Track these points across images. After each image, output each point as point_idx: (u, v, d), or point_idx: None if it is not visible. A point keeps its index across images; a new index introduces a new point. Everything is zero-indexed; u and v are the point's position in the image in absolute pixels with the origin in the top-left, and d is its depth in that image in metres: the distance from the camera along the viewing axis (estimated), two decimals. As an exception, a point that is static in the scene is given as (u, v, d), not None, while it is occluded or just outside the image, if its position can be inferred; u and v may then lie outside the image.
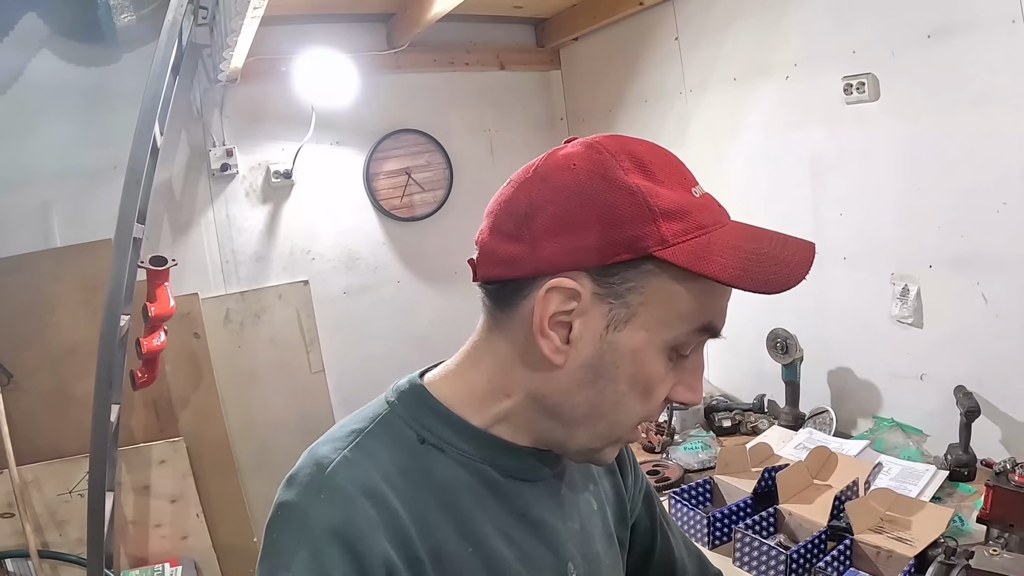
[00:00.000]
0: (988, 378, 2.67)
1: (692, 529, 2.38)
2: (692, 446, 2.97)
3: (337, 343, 4.16)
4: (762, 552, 2.16)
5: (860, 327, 3.01)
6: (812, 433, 2.93)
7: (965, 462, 2.62)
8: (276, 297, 3.99)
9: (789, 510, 2.34)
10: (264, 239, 3.99)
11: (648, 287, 0.85)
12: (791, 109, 3.14)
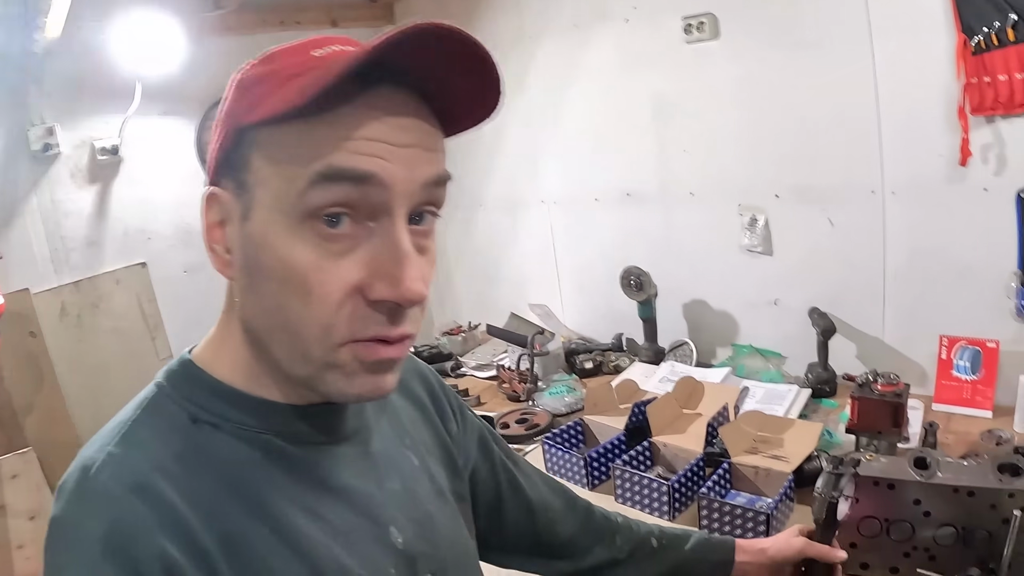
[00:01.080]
0: (840, 299, 2.73)
1: (569, 472, 2.30)
2: (557, 391, 2.88)
3: (182, 325, 3.81)
4: (643, 486, 2.09)
5: (712, 259, 2.99)
6: (674, 366, 2.90)
7: (826, 379, 2.63)
8: (114, 283, 3.63)
9: (663, 442, 2.28)
10: (95, 222, 3.60)
11: (253, 160, 0.72)
12: (632, 52, 3.09)
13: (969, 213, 2.45)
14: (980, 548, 1.74)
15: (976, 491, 1.70)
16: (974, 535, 1.74)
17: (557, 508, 1.23)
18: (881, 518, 1.78)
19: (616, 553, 1.27)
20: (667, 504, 2.07)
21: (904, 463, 1.78)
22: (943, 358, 2.56)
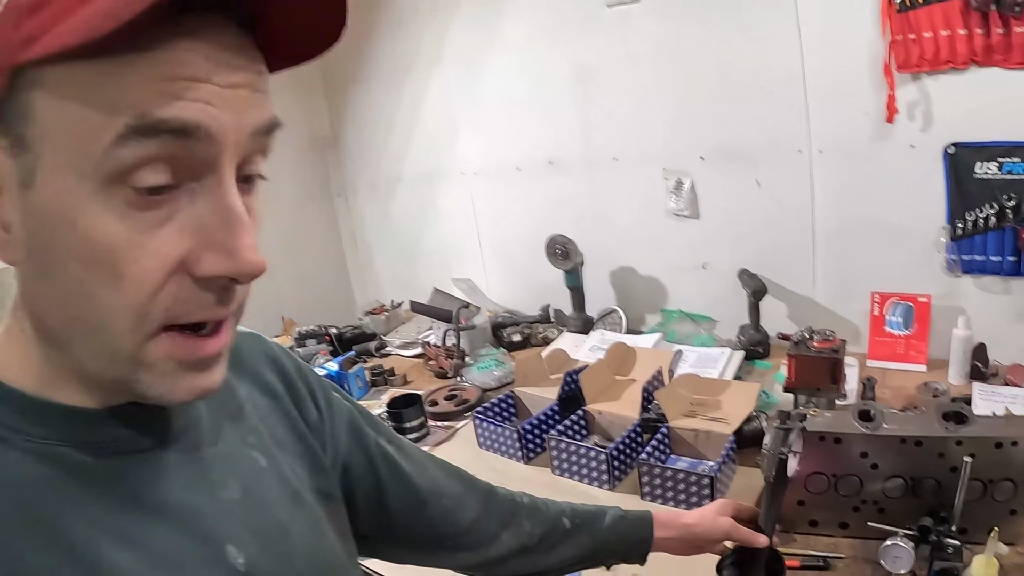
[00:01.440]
0: (769, 259, 2.67)
1: (503, 446, 2.18)
2: (485, 365, 2.76)
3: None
4: (580, 456, 1.98)
5: (638, 225, 2.91)
6: (603, 334, 2.80)
7: (758, 340, 2.57)
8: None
9: (598, 410, 2.18)
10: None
11: (35, 108, 0.53)
12: (552, 17, 2.96)
13: (897, 170, 2.41)
14: (929, 498, 1.68)
15: (923, 440, 1.64)
16: (923, 485, 1.68)
17: (453, 493, 1.10)
18: (828, 473, 1.71)
19: (525, 539, 1.16)
20: (606, 473, 1.97)
21: (848, 416, 1.71)
22: (875, 315, 2.53)
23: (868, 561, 1.69)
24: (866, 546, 1.72)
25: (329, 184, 3.92)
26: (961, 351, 2.34)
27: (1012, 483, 1.64)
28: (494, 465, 2.16)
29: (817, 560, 1.70)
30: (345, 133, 3.76)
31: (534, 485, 2.00)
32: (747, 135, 2.61)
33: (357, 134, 3.71)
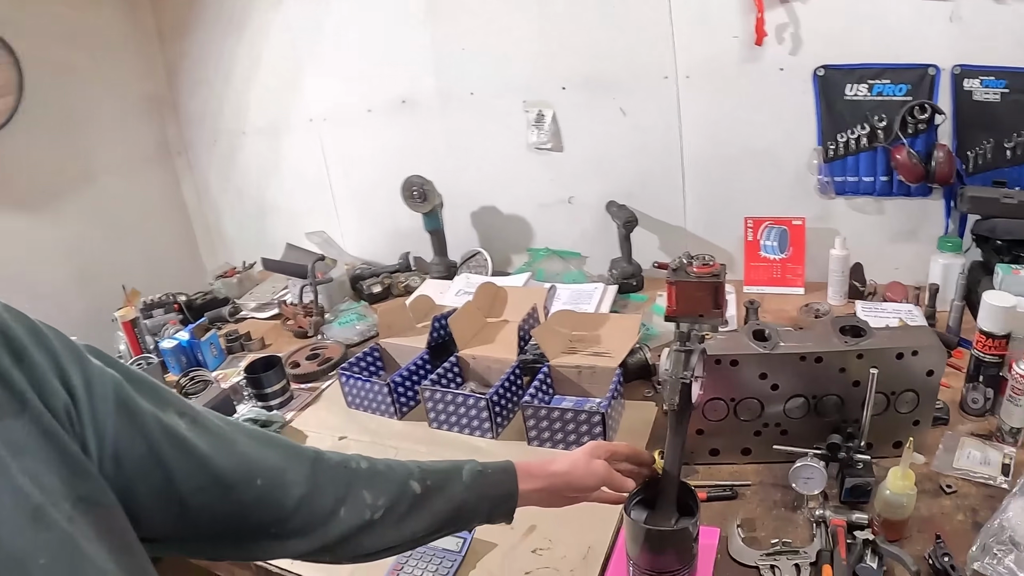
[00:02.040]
0: (638, 190, 2.53)
1: (374, 403, 1.95)
2: (346, 320, 2.51)
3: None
4: (457, 405, 1.78)
5: (498, 161, 2.70)
6: (469, 278, 2.59)
7: (631, 272, 2.41)
8: None
9: (472, 355, 1.98)
10: None
11: None
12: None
13: (767, 93, 2.30)
14: (832, 415, 1.55)
15: (823, 356, 1.50)
16: (825, 403, 1.55)
17: (271, 468, 0.88)
18: (727, 399, 1.55)
19: (368, 512, 0.95)
20: (488, 421, 1.78)
21: (742, 338, 1.55)
22: (750, 240, 2.42)
23: (776, 486, 1.55)
24: (771, 471, 1.59)
25: (168, 143, 3.52)
26: (839, 271, 2.27)
27: (914, 394, 1.53)
28: (366, 424, 1.93)
29: (723, 490, 1.54)
30: (182, 88, 3.37)
31: (411, 442, 1.78)
32: (611, 63, 2.43)
33: (195, 88, 3.32)
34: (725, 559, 1.38)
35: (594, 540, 1.43)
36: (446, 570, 1.39)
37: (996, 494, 1.47)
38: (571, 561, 1.40)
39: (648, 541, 1.23)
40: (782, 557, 1.35)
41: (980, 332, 1.67)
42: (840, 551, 1.31)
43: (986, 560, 1.27)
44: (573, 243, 2.69)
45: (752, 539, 1.42)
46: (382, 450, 1.77)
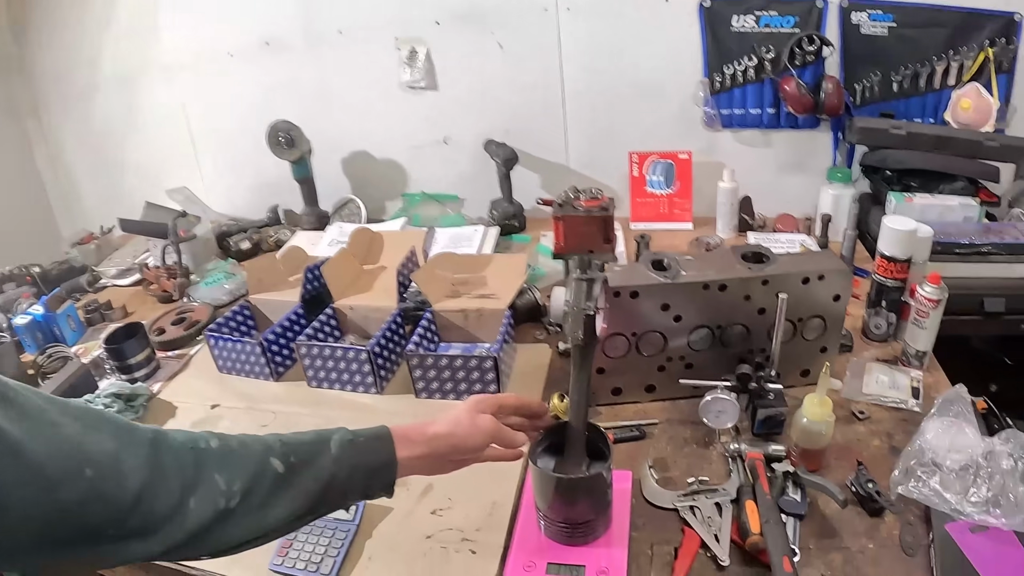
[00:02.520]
0: (518, 127, 2.36)
1: (247, 364, 1.73)
2: (214, 279, 2.27)
3: None
4: (337, 359, 1.59)
5: (369, 103, 2.48)
6: (342, 227, 2.39)
7: (513, 213, 2.25)
8: None
9: (349, 305, 1.78)
10: None
11: None
12: None
13: (650, 25, 2.16)
14: (738, 346, 1.44)
15: (728, 284, 1.37)
16: (730, 333, 1.43)
17: (103, 455, 0.70)
18: (627, 334, 1.41)
19: (223, 500, 0.78)
20: (371, 375, 1.59)
21: (641, 269, 1.41)
22: (635, 175, 2.30)
23: (685, 423, 1.42)
24: (678, 407, 1.46)
25: (16, 105, 3.13)
26: (728, 204, 2.17)
27: (821, 320, 1.43)
28: (242, 389, 1.70)
29: (630, 430, 1.40)
30: (29, 44, 2.98)
31: (291, 404, 1.58)
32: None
33: (46, 43, 2.94)
34: (641, 503, 1.25)
35: (498, 495, 1.27)
36: (340, 542, 1.21)
37: (909, 417, 1.40)
38: (475, 519, 1.24)
39: (559, 491, 1.07)
40: (700, 496, 1.23)
41: (881, 256, 1.60)
42: (762, 485, 1.18)
43: (911, 484, 1.19)
44: (450, 186, 2.51)
45: (666, 480, 1.29)
46: (259, 416, 1.57)
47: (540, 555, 1.12)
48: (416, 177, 2.56)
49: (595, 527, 1.13)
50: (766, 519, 1.12)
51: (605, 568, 1.10)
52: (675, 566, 1.12)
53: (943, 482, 1.17)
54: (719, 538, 1.16)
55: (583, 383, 1.09)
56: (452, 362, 1.50)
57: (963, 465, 1.18)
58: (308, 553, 1.19)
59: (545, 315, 1.79)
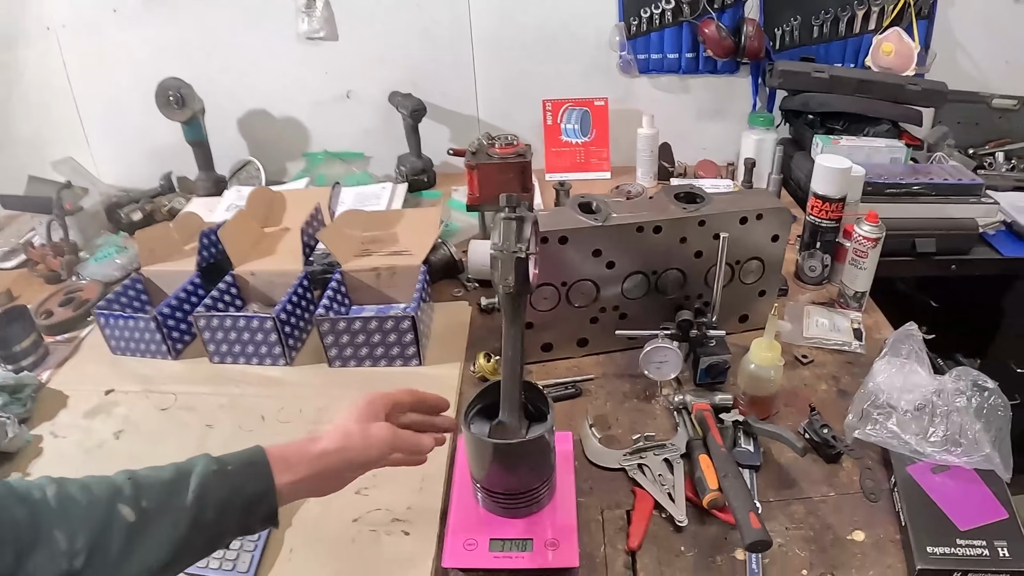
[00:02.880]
0: (425, 79, 2.21)
1: (143, 343, 1.53)
2: (104, 254, 2.05)
3: None
4: (240, 330, 1.43)
5: (265, 57, 2.26)
6: (240, 191, 2.20)
7: (421, 168, 2.11)
8: None
9: (250, 271, 1.60)
10: None
11: None
12: None
13: None
14: (674, 292, 1.35)
15: (663, 225, 1.25)
16: (666, 279, 1.33)
17: None
18: (557, 283, 1.30)
19: (64, 560, 0.62)
20: (278, 344, 1.43)
21: (568, 212, 1.29)
22: (549, 124, 2.17)
23: (622, 376, 1.31)
24: (614, 361, 1.35)
25: None
26: (648, 151, 2.07)
27: (759, 262, 1.34)
28: (137, 371, 1.50)
29: (565, 388, 1.27)
30: None
31: (192, 383, 1.44)
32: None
33: None
34: (584, 465, 1.14)
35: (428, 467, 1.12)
36: (255, 534, 1.04)
37: (853, 360, 1.33)
38: (405, 497, 1.10)
39: (497, 458, 0.94)
40: (648, 454, 1.12)
41: (815, 196, 1.53)
42: (715, 437, 1.07)
43: (867, 428, 1.11)
44: (354, 143, 2.33)
45: (609, 438, 1.18)
46: (158, 399, 1.39)
47: (481, 531, 1.00)
48: (318, 135, 2.36)
49: (539, 495, 1.00)
50: (724, 473, 1.01)
51: (554, 540, 0.97)
52: (630, 531, 1.01)
53: (900, 423, 1.10)
54: (673, 497, 1.05)
55: (516, 336, 0.95)
56: (366, 325, 1.34)
57: (918, 405, 1.11)
58: (221, 550, 1.03)
59: (463, 271, 1.65)
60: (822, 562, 0.96)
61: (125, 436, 1.28)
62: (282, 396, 1.35)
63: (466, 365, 1.38)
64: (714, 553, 0.99)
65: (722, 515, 1.02)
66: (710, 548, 0.99)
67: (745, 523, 0.91)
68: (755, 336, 1.16)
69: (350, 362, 1.40)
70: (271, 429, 1.27)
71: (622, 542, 1.00)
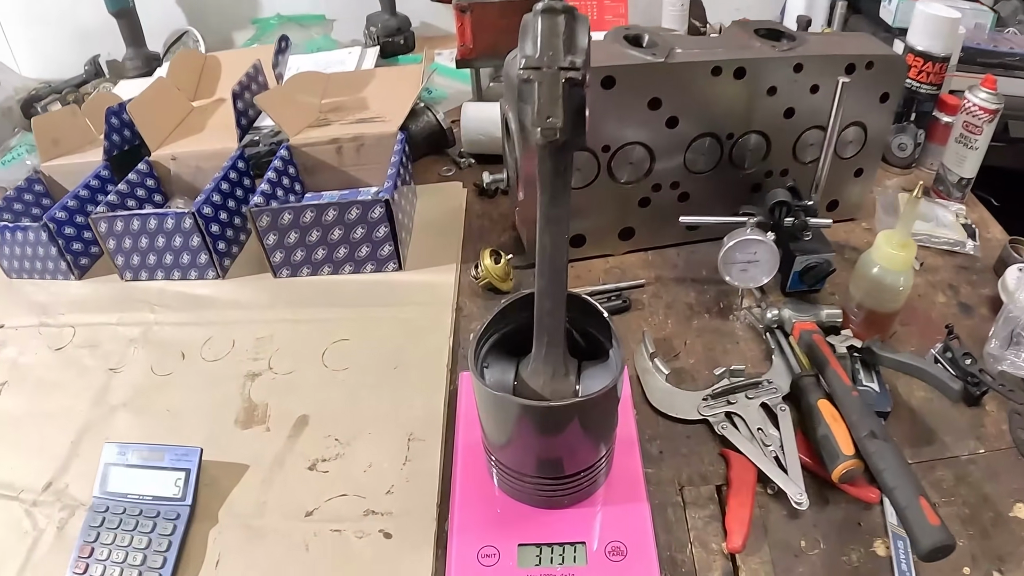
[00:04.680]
0: None
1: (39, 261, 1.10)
2: (14, 156, 1.61)
3: None
4: (152, 234, 1.01)
5: None
6: (175, 68, 1.68)
7: (396, 27, 1.68)
8: None
9: (171, 154, 1.15)
10: None
11: None
12: None
13: None
14: (752, 163, 0.92)
15: (747, 67, 0.79)
16: (744, 145, 0.88)
17: None
18: (596, 148, 0.87)
19: None
20: (205, 251, 1.01)
21: (611, 46, 0.86)
22: None
23: (683, 282, 0.90)
24: (667, 260, 0.94)
25: None
26: (677, 5, 1.57)
27: (861, 129, 0.91)
28: (33, 298, 1.07)
29: (608, 299, 0.86)
30: None
31: (98, 311, 1.02)
32: None
33: None
34: (646, 416, 0.74)
35: (415, 426, 0.74)
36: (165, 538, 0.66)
37: (968, 264, 0.94)
38: (384, 474, 0.71)
39: (534, 425, 0.53)
40: (739, 396, 0.72)
41: (913, 54, 1.10)
42: (838, 372, 0.67)
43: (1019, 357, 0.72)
44: (314, 3, 1.84)
45: (678, 374, 0.77)
46: (54, 335, 0.97)
47: (503, 532, 0.61)
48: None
49: (595, 475, 0.59)
50: (864, 430, 0.62)
51: (618, 543, 0.58)
52: (727, 521, 0.62)
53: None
54: (785, 463, 0.65)
55: (560, 221, 0.53)
56: (321, 216, 0.92)
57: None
58: (118, 565, 0.64)
59: (453, 143, 1.22)
60: (986, 552, 0.60)
61: (9, 390, 0.87)
62: (210, 323, 0.93)
63: (464, 269, 0.96)
64: (845, 547, 0.61)
65: (853, 490, 0.64)
66: (839, 539, 0.62)
67: (917, 517, 0.53)
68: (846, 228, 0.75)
69: (302, 270, 0.98)
70: (194, 370, 0.86)
71: (716, 537, 0.62)
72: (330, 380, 0.81)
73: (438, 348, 0.82)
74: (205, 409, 0.80)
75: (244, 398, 0.80)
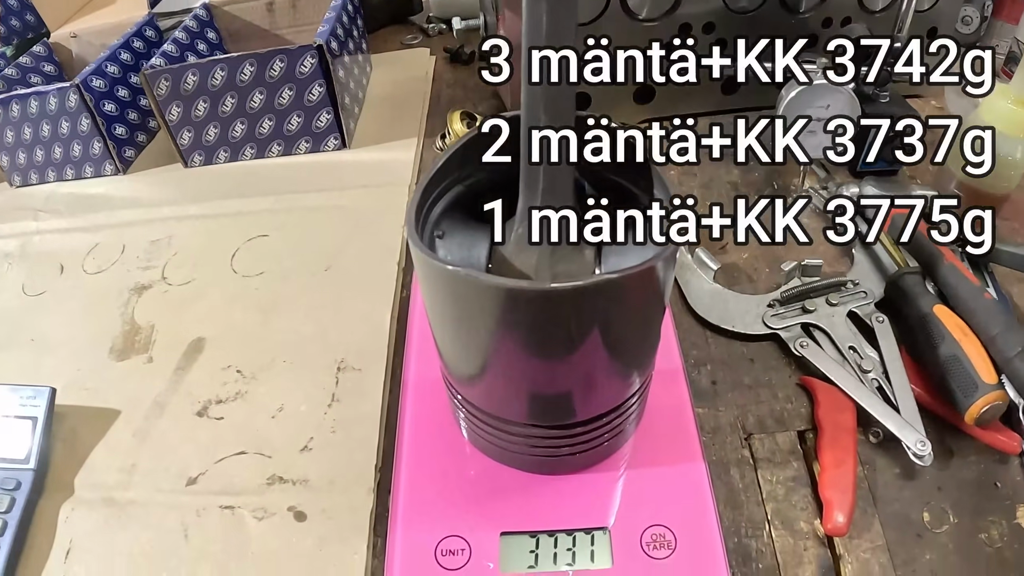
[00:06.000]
0: None
1: None
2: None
3: None
4: (33, 119, 0.78)
5: None
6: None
7: None
8: None
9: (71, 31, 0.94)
10: None
11: None
12: None
13: None
14: (809, 5, 0.65)
15: None
16: None
17: None
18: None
19: None
20: (99, 139, 0.75)
21: None
22: None
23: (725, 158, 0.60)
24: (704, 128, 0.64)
25: None
26: None
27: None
28: None
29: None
30: None
31: None
32: None
33: None
34: (690, 329, 0.50)
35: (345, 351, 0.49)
36: None
37: None
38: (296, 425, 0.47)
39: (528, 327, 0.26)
40: (817, 302, 0.48)
41: None
42: (957, 266, 0.42)
43: None
44: None
45: (731, 271, 0.51)
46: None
47: (476, 511, 0.36)
48: None
49: (624, 423, 0.35)
50: (1015, 346, 0.37)
51: (662, 527, 0.33)
52: (822, 486, 0.38)
53: None
54: (895, 399, 0.41)
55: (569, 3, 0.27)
56: (236, 74, 0.66)
57: None
58: None
59: (420, 9, 0.95)
60: None
61: None
62: (99, 227, 0.68)
63: (428, 144, 0.70)
64: (982, 519, 0.38)
65: (988, 435, 0.41)
66: (973, 508, 0.39)
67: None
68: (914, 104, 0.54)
69: (217, 154, 0.73)
70: (70, 285, 0.62)
71: (805, 512, 0.39)
72: (238, 291, 0.57)
73: (387, 244, 0.58)
74: (77, 336, 0.56)
75: (126, 319, 0.56)
